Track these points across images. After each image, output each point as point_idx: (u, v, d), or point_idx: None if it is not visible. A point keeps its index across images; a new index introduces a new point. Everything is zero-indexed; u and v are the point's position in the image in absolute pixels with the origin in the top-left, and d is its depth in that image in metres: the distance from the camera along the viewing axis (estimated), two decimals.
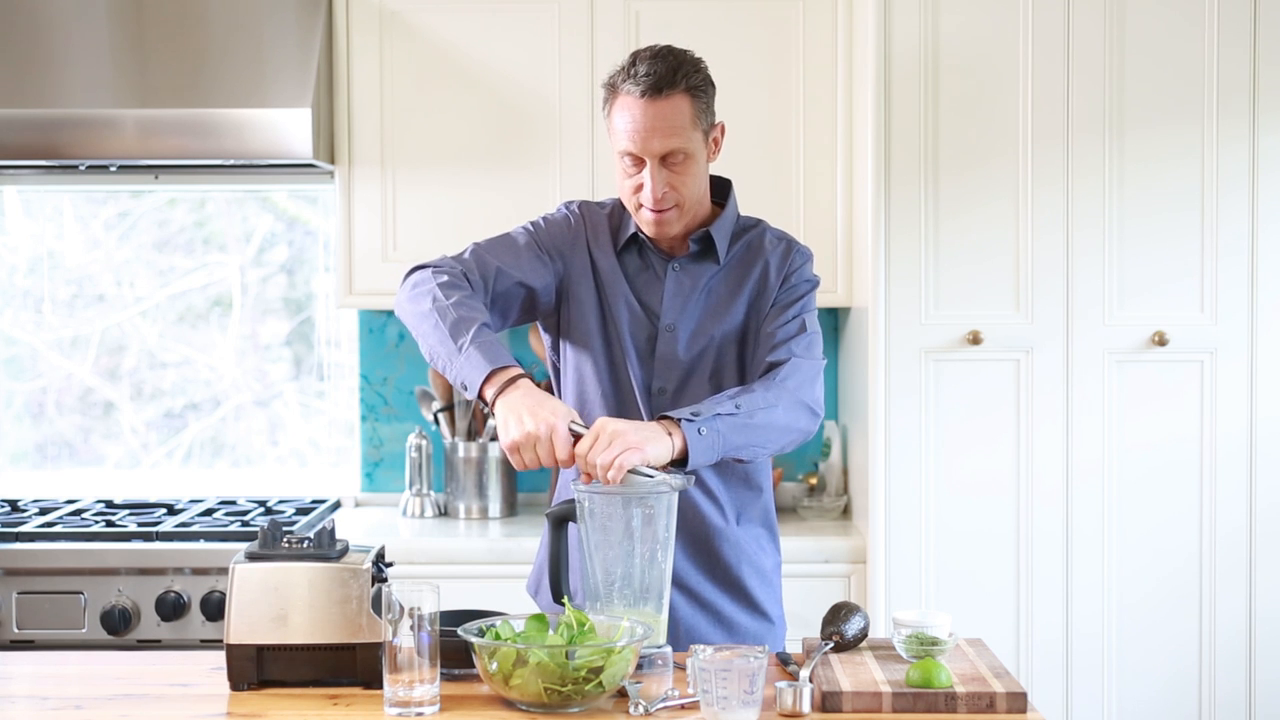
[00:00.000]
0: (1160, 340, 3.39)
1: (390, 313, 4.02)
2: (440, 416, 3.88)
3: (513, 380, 2.30)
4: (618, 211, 2.63)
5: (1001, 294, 3.41)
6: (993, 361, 3.42)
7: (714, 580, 2.56)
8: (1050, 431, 3.42)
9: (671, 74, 2.43)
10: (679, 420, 2.30)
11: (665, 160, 2.45)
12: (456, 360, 2.35)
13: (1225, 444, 3.42)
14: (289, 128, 3.48)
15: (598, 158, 3.67)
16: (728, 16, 3.66)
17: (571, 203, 2.67)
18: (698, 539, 2.55)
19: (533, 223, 2.63)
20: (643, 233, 2.57)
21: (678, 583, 2.51)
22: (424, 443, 3.87)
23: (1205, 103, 3.39)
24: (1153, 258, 3.41)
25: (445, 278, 2.46)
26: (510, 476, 3.87)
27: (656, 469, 2.24)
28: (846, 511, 3.84)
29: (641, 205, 2.49)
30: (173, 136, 3.49)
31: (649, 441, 2.24)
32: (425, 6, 3.69)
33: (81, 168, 3.81)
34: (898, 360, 3.42)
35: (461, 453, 3.84)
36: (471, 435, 3.85)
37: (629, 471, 2.21)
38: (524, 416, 2.24)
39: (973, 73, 3.40)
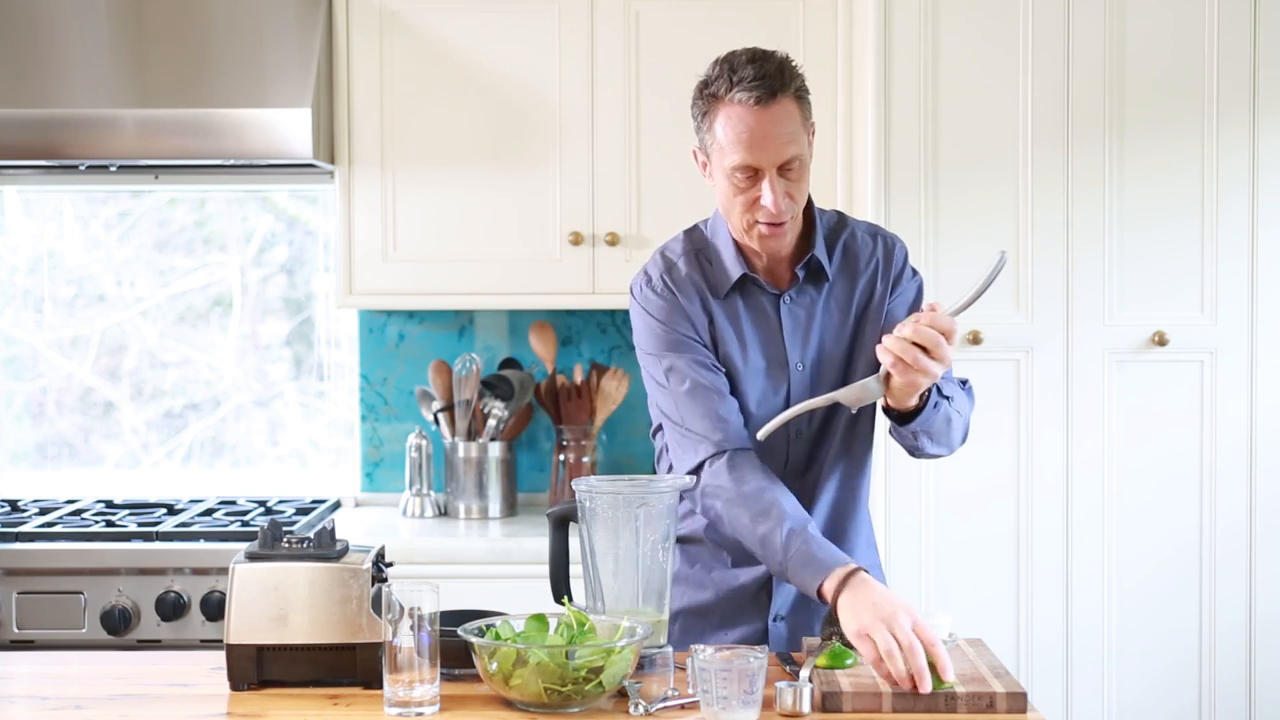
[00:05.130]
0: (1160, 340, 3.39)
1: (390, 312, 4.02)
2: (440, 416, 3.88)
3: (852, 573, 2.20)
4: (696, 258, 2.47)
5: (1002, 294, 3.41)
6: (993, 361, 3.42)
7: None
8: (1050, 431, 3.41)
9: (780, 75, 2.29)
10: (932, 388, 2.31)
11: (782, 169, 2.31)
12: (786, 575, 2.30)
13: (1225, 444, 3.42)
14: (289, 128, 3.48)
15: (598, 158, 3.67)
16: (727, 17, 3.66)
17: (649, 285, 2.47)
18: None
19: (666, 348, 2.44)
20: (751, 272, 2.43)
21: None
22: (424, 443, 3.87)
23: (1205, 104, 3.39)
24: (1153, 257, 3.41)
25: (719, 496, 2.37)
26: (510, 476, 3.86)
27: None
28: None
29: (757, 222, 2.33)
30: (173, 136, 3.49)
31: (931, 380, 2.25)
32: (425, 6, 3.69)
33: (81, 168, 3.81)
34: None
35: (461, 453, 3.84)
36: (471, 435, 3.85)
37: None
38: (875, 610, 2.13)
39: (973, 73, 3.40)
